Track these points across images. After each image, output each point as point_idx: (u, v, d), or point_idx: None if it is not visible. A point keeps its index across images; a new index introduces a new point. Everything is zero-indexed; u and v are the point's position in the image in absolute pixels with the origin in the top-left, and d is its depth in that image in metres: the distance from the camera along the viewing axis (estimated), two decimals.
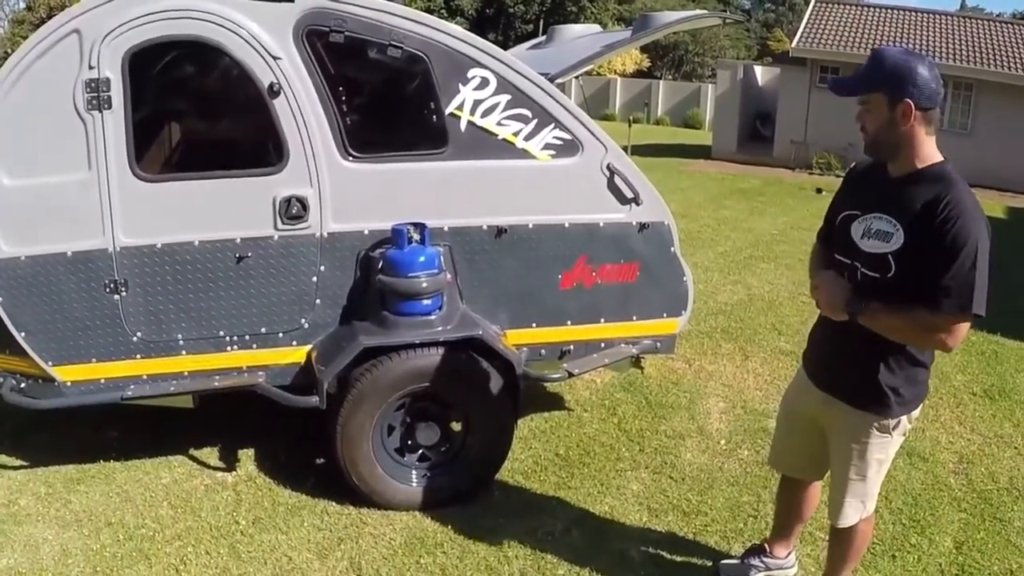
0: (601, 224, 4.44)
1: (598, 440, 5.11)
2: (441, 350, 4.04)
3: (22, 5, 26.92)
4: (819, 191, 16.56)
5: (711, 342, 7.09)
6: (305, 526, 4.10)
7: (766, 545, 3.77)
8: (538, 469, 4.70)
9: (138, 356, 4.09)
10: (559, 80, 4.66)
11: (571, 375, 4.55)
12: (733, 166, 21.06)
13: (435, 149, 4.17)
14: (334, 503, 4.27)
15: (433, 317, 4.08)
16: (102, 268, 3.95)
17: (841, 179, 3.36)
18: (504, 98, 4.17)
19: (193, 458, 4.73)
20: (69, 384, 4.09)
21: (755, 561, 3.75)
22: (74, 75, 3.78)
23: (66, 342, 4.03)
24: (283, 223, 4.01)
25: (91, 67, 3.77)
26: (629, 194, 4.43)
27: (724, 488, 4.58)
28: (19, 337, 3.98)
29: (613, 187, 4.41)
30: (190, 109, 4.28)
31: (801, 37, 20.73)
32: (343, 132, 4.04)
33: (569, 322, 4.58)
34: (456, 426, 4.33)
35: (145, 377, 4.13)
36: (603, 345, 4.69)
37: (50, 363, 4.04)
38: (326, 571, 3.79)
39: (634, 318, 4.71)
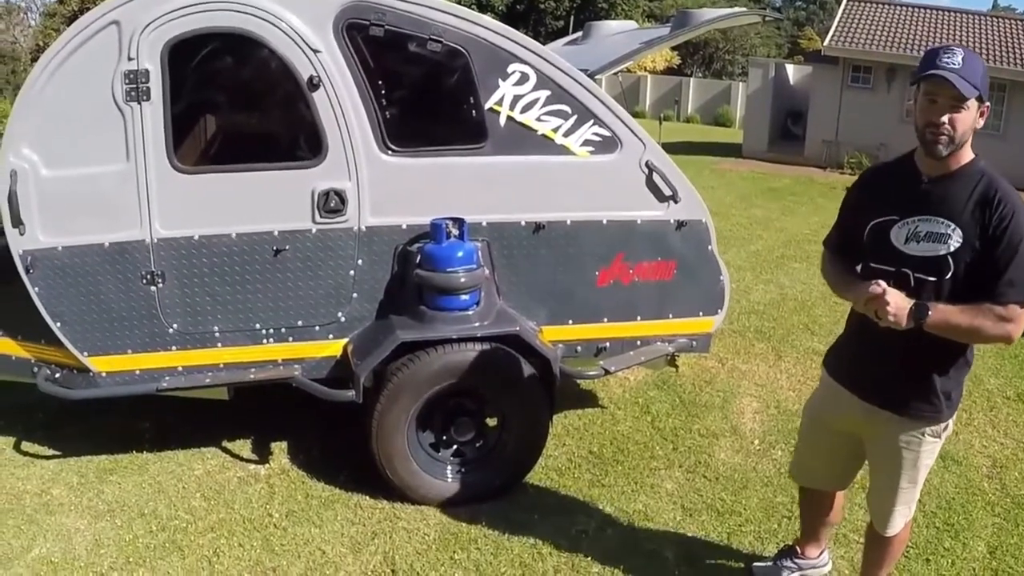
0: (639, 221, 4.40)
1: (632, 438, 5.07)
2: (478, 346, 4.01)
3: None
4: None
5: (744, 341, 7.02)
6: (338, 520, 4.09)
7: (797, 547, 3.72)
8: (572, 466, 4.66)
9: (174, 348, 4.09)
10: (597, 76, 4.62)
11: (607, 372, 4.50)
12: (764, 165, 20.86)
13: (474, 144, 4.14)
14: (367, 497, 4.25)
15: (470, 312, 4.05)
16: (139, 259, 3.95)
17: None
18: (544, 94, 4.13)
19: (226, 450, 4.74)
20: (104, 375, 4.10)
21: (787, 563, 3.70)
22: (113, 66, 3.78)
23: (102, 333, 4.04)
24: (321, 216, 4.00)
25: (130, 58, 3.77)
26: (667, 191, 4.38)
27: (758, 488, 4.54)
28: (55, 327, 4.00)
29: (651, 184, 4.37)
30: (229, 101, 4.27)
31: (833, 36, 20.50)
32: (382, 126, 4.01)
33: (605, 319, 4.54)
34: (492, 422, 4.31)
35: (180, 369, 4.14)
36: (639, 343, 4.65)
37: (85, 353, 4.05)
38: (359, 566, 3.77)
39: (670, 316, 4.67)
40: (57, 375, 4.21)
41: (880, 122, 19.48)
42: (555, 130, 4.17)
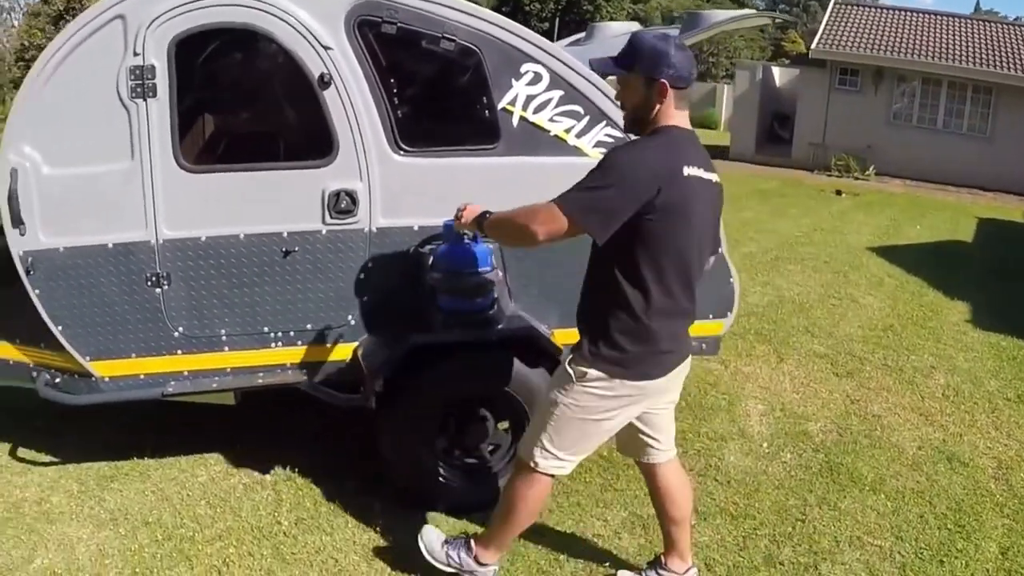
0: None
1: None
2: (492, 349, 3.94)
3: None
4: (839, 193, 16.47)
5: (745, 344, 6.99)
6: (349, 527, 4.00)
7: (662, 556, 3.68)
8: (583, 471, 4.58)
9: (179, 352, 4.00)
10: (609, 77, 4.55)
11: None
12: (751, 167, 20.91)
13: (486, 144, 4.06)
14: (378, 503, 4.16)
15: (485, 315, 3.97)
16: (144, 260, 3.86)
17: (858, 181, 3.32)
18: (557, 94, 4.06)
19: (229, 456, 4.62)
20: (107, 380, 4.01)
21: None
22: (118, 62, 3.69)
23: (105, 336, 3.94)
24: (331, 217, 3.91)
25: (136, 54, 3.68)
26: None
27: (770, 491, 4.50)
28: (56, 330, 3.90)
29: None
30: (237, 99, 4.16)
31: (821, 39, 20.57)
32: (394, 125, 3.93)
33: None
34: (504, 426, 4.23)
35: (186, 373, 4.04)
36: None
37: (87, 358, 3.95)
38: (374, 574, 3.70)
39: None
40: (57, 380, 4.11)
41: (867, 124, 19.60)
42: (568, 131, 4.10)
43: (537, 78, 4.02)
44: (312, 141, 3.93)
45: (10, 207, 3.73)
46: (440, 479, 4.09)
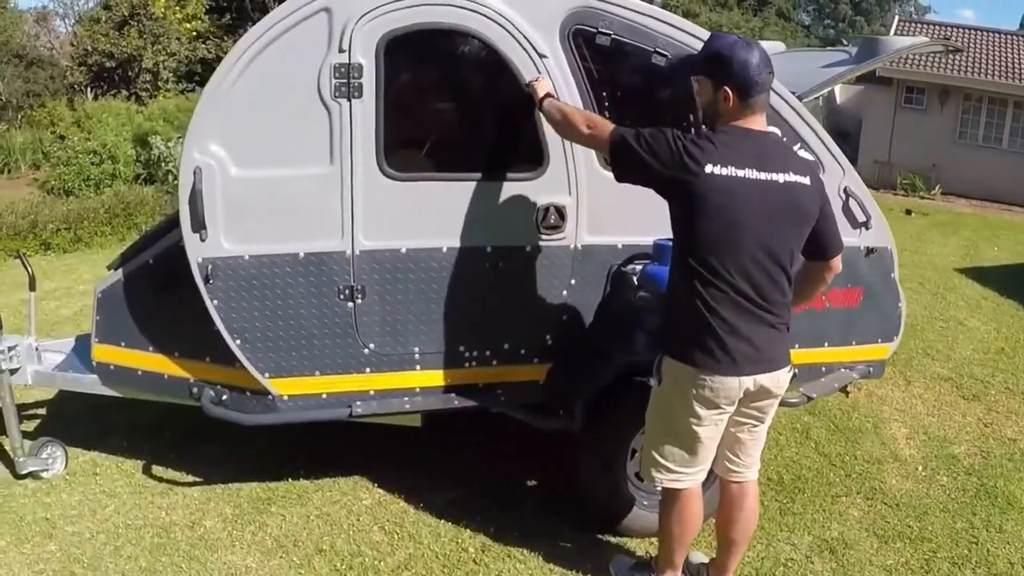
0: None
1: (802, 464, 4.91)
2: None
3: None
4: (908, 212, 16.19)
5: None
6: (540, 554, 3.79)
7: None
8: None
9: (368, 370, 3.77)
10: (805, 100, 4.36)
11: (809, 399, 4.29)
12: None
13: None
14: (566, 529, 3.97)
15: None
16: (337, 272, 3.63)
17: (923, 200, 3.19)
18: None
19: (390, 477, 4.39)
20: (286, 398, 3.77)
21: None
22: (320, 58, 3.46)
23: (288, 352, 3.71)
24: (539, 232, 3.70)
25: (341, 50, 3.45)
26: (861, 218, 4.14)
27: (938, 515, 4.45)
28: (234, 344, 3.67)
29: (847, 210, 4.11)
30: (447, 104, 3.89)
31: None
32: None
33: (797, 345, 4.23)
34: None
35: (372, 393, 3.81)
36: (824, 369, 4.43)
37: (267, 375, 3.72)
38: None
39: (853, 343, 4.45)
40: (224, 397, 3.87)
41: (932, 143, 19.29)
42: None
43: None
44: (522, 153, 3.71)
45: (192, 209, 3.50)
46: (636, 503, 3.89)
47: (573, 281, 3.81)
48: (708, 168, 2.91)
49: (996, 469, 5.02)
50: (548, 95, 3.45)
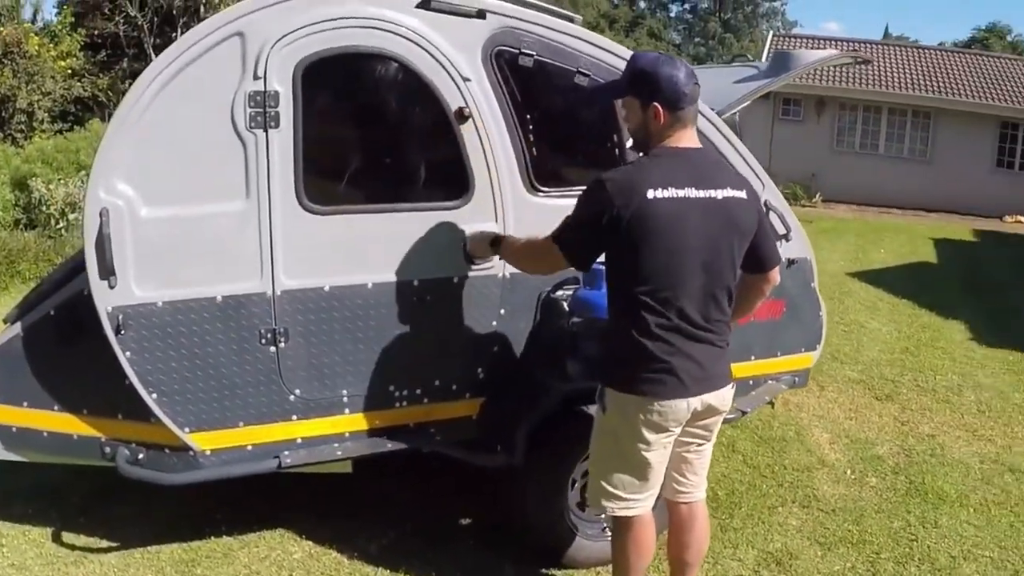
0: None
1: (733, 478, 4.94)
2: None
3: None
4: None
5: None
6: None
7: None
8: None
9: (294, 417, 3.56)
10: (725, 116, 4.38)
11: (744, 414, 4.30)
12: None
13: None
14: (507, 564, 3.90)
15: None
16: (257, 315, 3.41)
17: (805, 208, 3.27)
18: None
19: (313, 526, 4.16)
20: (208, 453, 3.51)
21: None
22: (234, 86, 3.24)
23: (208, 404, 3.45)
24: (467, 262, 3.58)
25: (256, 77, 3.24)
26: (781, 230, 4.14)
27: (874, 516, 4.55)
28: (150, 399, 3.39)
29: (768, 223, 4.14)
30: (368, 132, 3.67)
31: None
32: (528, 164, 3.63)
33: None
34: None
35: (299, 441, 3.59)
36: (751, 382, 4.44)
37: (187, 429, 3.45)
38: None
39: (778, 354, 4.49)
40: (140, 456, 3.58)
41: (811, 152, 19.97)
42: None
43: None
44: (447, 180, 3.58)
45: (99, 254, 3.21)
46: (579, 534, 3.81)
47: (503, 311, 3.70)
48: (649, 193, 2.83)
49: (921, 466, 5.17)
50: (496, 239, 3.48)
